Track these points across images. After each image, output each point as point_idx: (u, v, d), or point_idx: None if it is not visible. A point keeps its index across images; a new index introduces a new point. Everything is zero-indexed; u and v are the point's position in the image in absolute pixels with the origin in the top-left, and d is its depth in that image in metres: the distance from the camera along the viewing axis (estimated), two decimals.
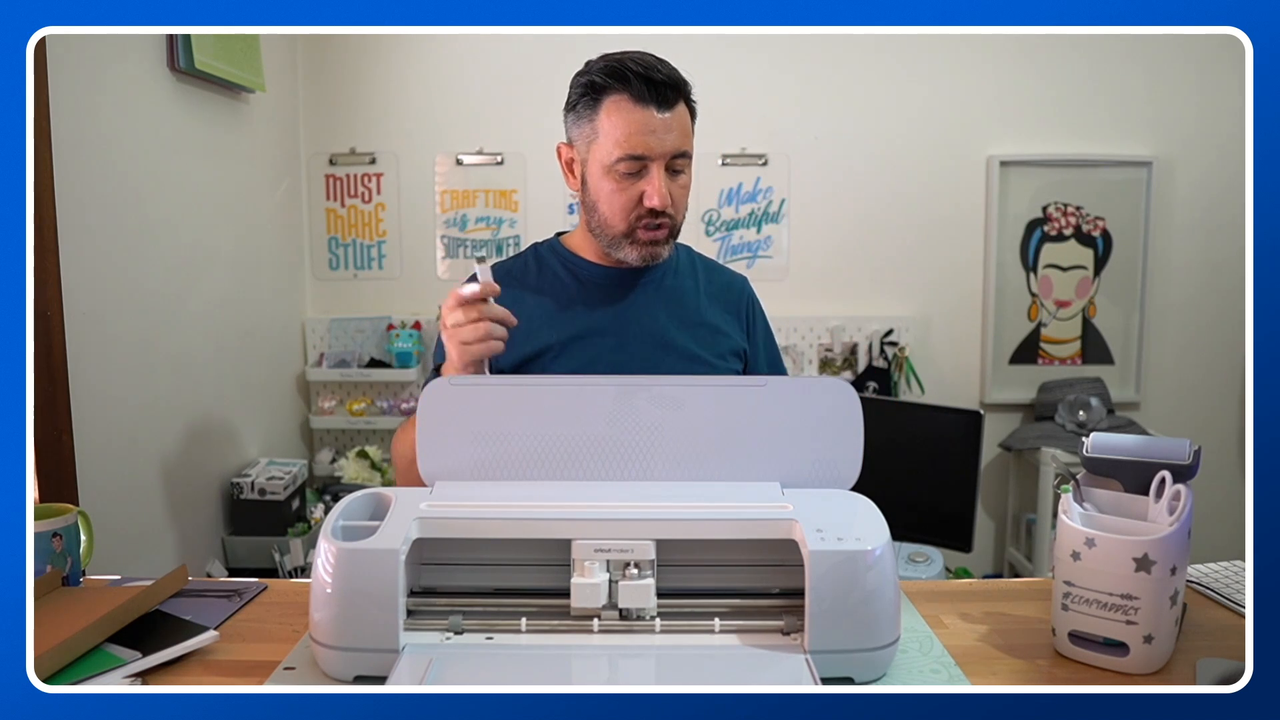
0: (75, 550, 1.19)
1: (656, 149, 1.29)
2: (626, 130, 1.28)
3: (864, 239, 3.24)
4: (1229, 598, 1.14)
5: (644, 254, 1.35)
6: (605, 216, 1.35)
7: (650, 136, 1.28)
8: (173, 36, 2.29)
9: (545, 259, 1.45)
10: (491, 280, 1.23)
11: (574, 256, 1.44)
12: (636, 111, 1.28)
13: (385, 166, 3.23)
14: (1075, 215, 3.25)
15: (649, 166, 1.30)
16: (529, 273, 1.44)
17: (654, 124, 1.28)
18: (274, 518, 2.65)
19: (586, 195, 1.37)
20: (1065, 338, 3.31)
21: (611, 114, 1.29)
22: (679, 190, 1.33)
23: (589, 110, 1.32)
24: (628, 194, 1.31)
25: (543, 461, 1.08)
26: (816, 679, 0.87)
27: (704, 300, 1.46)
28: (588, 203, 1.37)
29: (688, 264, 1.48)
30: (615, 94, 1.29)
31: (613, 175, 1.31)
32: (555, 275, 1.43)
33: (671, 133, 1.30)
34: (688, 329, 1.42)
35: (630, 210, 1.32)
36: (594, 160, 1.33)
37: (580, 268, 1.43)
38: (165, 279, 2.32)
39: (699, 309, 1.44)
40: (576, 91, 1.33)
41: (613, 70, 1.29)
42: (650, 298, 1.42)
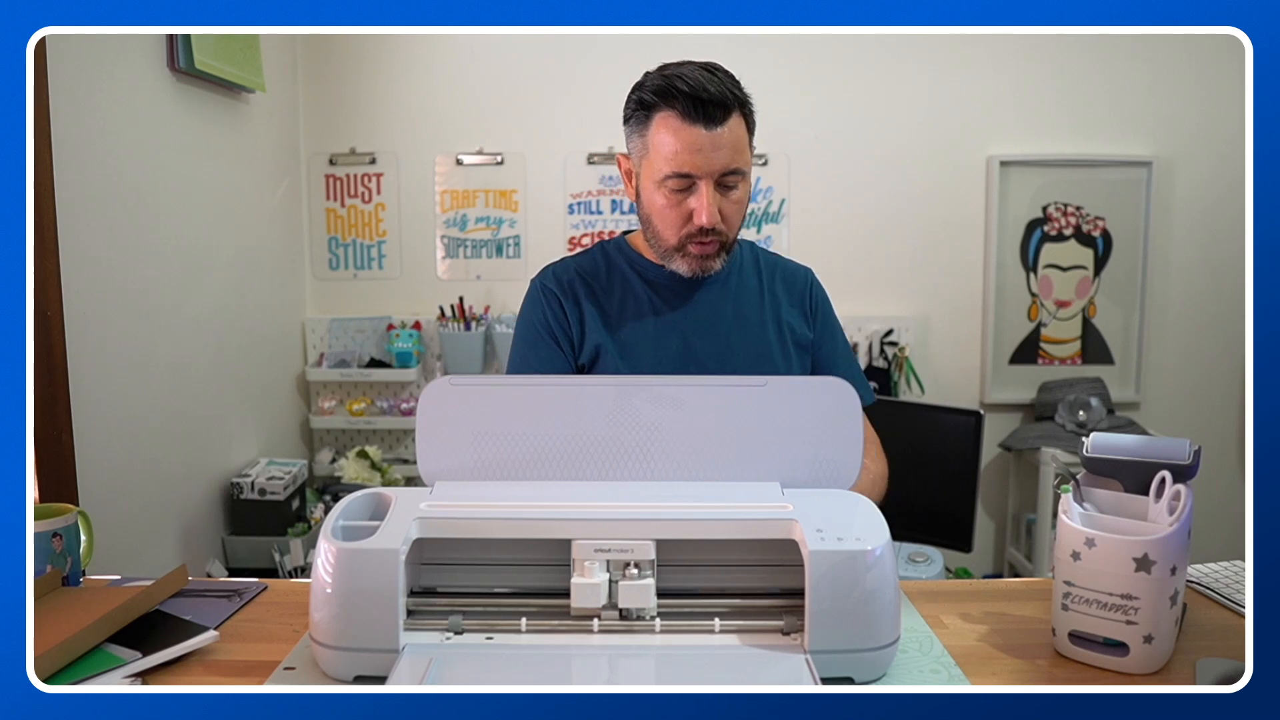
0: (75, 550, 1.19)
1: (704, 167, 1.28)
2: (674, 148, 1.28)
3: (864, 239, 3.24)
4: (1229, 598, 1.14)
5: (694, 267, 1.36)
6: (658, 229, 1.36)
7: (697, 155, 1.28)
8: (173, 36, 2.29)
9: (613, 258, 1.46)
10: None
11: (640, 257, 1.44)
12: (684, 130, 1.28)
13: (385, 166, 3.23)
14: (1075, 215, 3.25)
15: (698, 184, 1.30)
16: (599, 271, 1.45)
17: (701, 142, 1.28)
18: (274, 518, 2.65)
19: (641, 207, 1.38)
20: (1065, 338, 3.31)
21: (660, 131, 1.30)
22: (731, 206, 1.33)
23: (640, 125, 1.33)
24: (678, 211, 1.32)
25: (543, 461, 1.08)
26: (816, 679, 0.87)
27: (768, 297, 1.46)
28: (643, 214, 1.39)
29: (751, 261, 1.49)
30: (664, 111, 1.29)
31: (663, 191, 1.32)
32: (623, 275, 1.44)
33: (720, 150, 1.28)
34: (754, 327, 1.43)
35: (681, 226, 1.33)
36: (646, 175, 1.34)
37: (646, 269, 1.43)
38: (165, 279, 2.32)
39: (763, 306, 1.45)
40: (630, 106, 1.35)
41: (661, 88, 1.29)
42: (716, 297, 1.43)
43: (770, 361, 1.42)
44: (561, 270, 1.45)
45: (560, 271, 1.45)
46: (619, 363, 1.38)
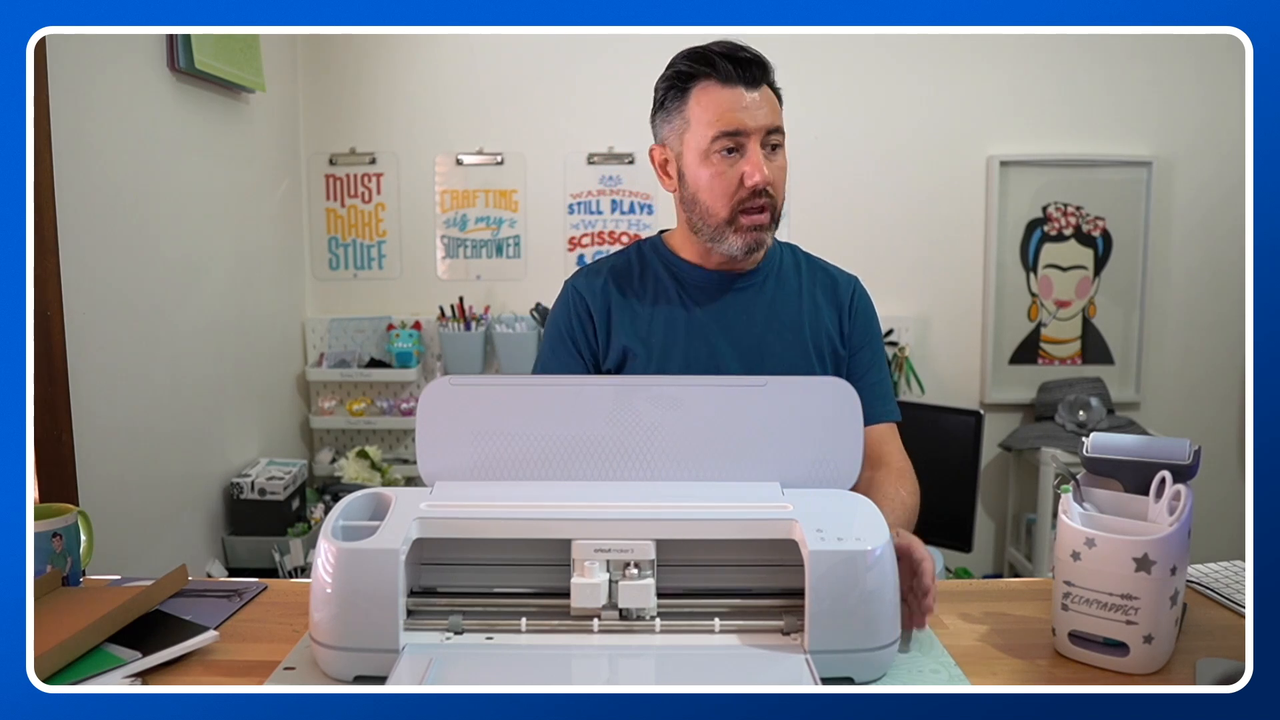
0: (75, 550, 1.19)
1: (751, 124, 1.28)
2: (719, 110, 1.28)
3: (864, 239, 3.24)
4: (1229, 598, 1.14)
5: (748, 241, 1.33)
6: (707, 205, 1.33)
7: (743, 112, 1.28)
8: (173, 36, 2.28)
9: (648, 258, 1.44)
10: None
11: (675, 257, 1.42)
12: (725, 92, 1.29)
13: (385, 166, 3.23)
14: (1075, 215, 3.25)
15: (746, 144, 1.29)
16: (632, 270, 1.43)
17: (745, 100, 1.28)
18: (274, 518, 2.65)
19: (685, 190, 1.35)
20: (1065, 338, 3.31)
21: (701, 99, 1.30)
22: (777, 170, 1.32)
23: (677, 102, 1.33)
24: (727, 177, 1.30)
25: (543, 461, 1.08)
26: (816, 679, 0.87)
27: (806, 301, 1.42)
28: (687, 197, 1.35)
29: (792, 264, 1.46)
30: (702, 80, 1.30)
31: (711, 159, 1.30)
32: (657, 275, 1.42)
33: (763, 108, 1.29)
34: (787, 333, 1.39)
35: (732, 193, 1.30)
36: (689, 150, 1.32)
37: (681, 269, 1.41)
38: (165, 279, 2.32)
39: (800, 310, 1.41)
40: (662, 89, 1.35)
41: (697, 56, 1.30)
42: (750, 301, 1.40)
43: (802, 370, 1.39)
44: (594, 272, 1.44)
45: (592, 274, 1.43)
46: (646, 366, 1.36)
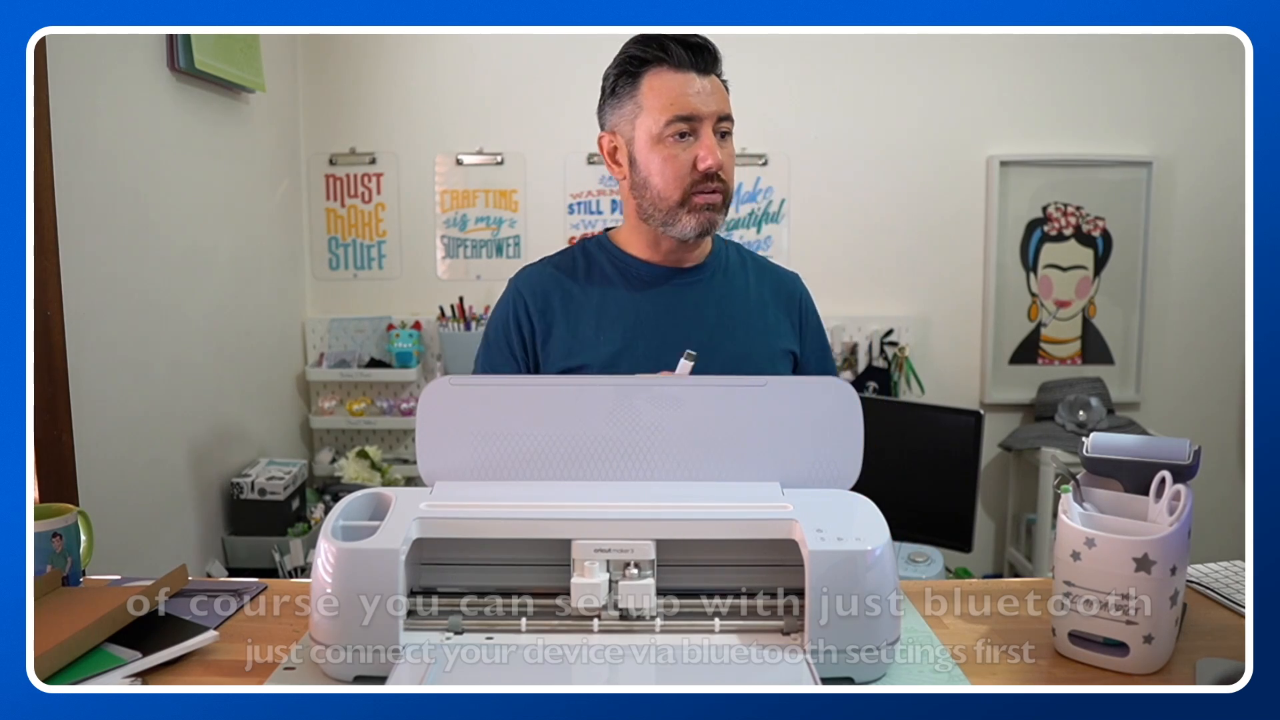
0: (75, 550, 1.19)
1: (704, 109, 1.29)
2: (672, 94, 1.29)
3: (864, 239, 3.24)
4: (1229, 598, 1.14)
5: (701, 221, 1.33)
6: (659, 190, 1.32)
7: (696, 97, 1.29)
8: (173, 36, 2.29)
9: (594, 255, 1.43)
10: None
11: (623, 254, 1.41)
12: (678, 76, 1.29)
13: (385, 166, 3.23)
14: (1075, 215, 3.25)
15: (699, 128, 1.30)
16: (577, 270, 1.42)
17: (697, 85, 1.29)
18: (274, 518, 2.65)
19: (636, 175, 1.35)
20: (1065, 338, 3.31)
21: (654, 84, 1.30)
22: (727, 156, 1.33)
23: (629, 88, 1.32)
24: (680, 160, 1.30)
25: (543, 461, 1.08)
26: (816, 679, 0.87)
27: (754, 299, 1.44)
28: (638, 182, 1.35)
29: (738, 262, 1.46)
30: (655, 65, 1.30)
31: (663, 144, 1.30)
32: (604, 273, 1.41)
33: (715, 94, 1.31)
34: (738, 329, 1.40)
35: (685, 177, 1.31)
36: (641, 135, 1.32)
37: (629, 265, 1.41)
38: (165, 279, 2.32)
39: (749, 308, 1.43)
40: (613, 75, 1.35)
41: (649, 41, 1.30)
42: (700, 296, 1.40)
43: (753, 366, 1.39)
44: (537, 274, 1.42)
45: (536, 275, 1.42)
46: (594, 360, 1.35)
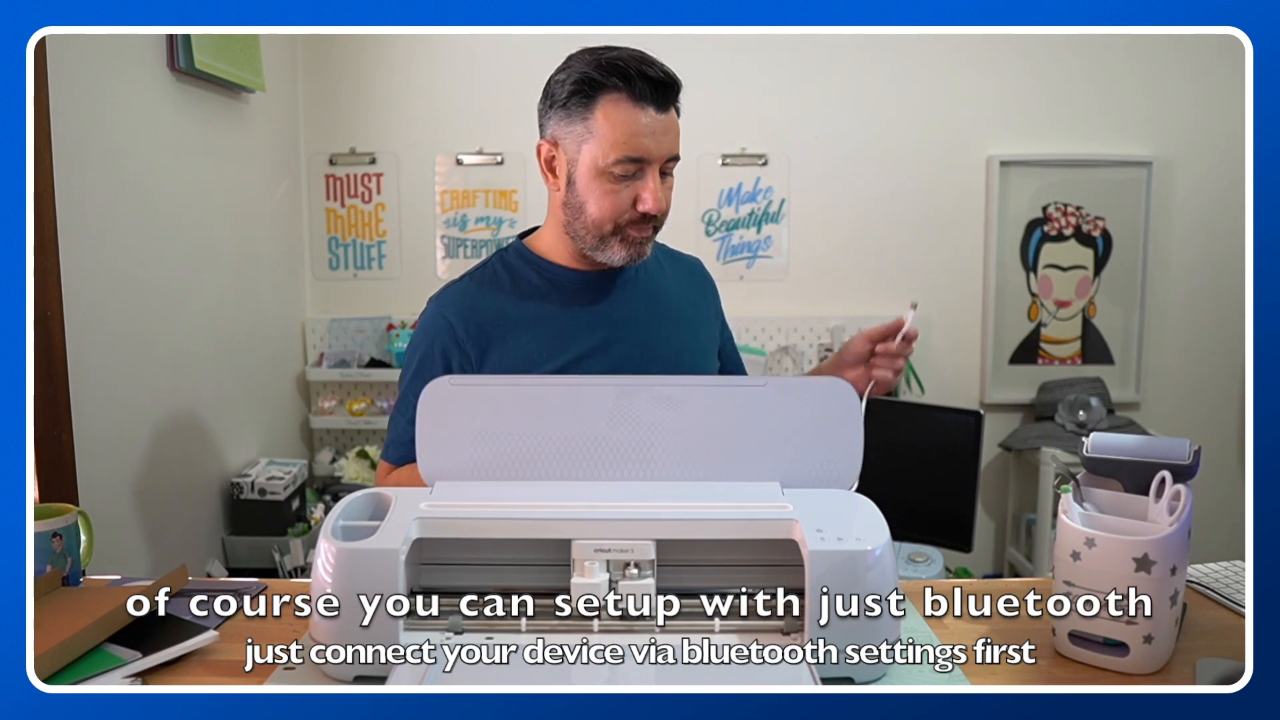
0: (75, 550, 1.19)
1: (655, 151, 1.25)
2: (627, 131, 1.23)
3: (864, 239, 3.24)
4: (1229, 598, 1.14)
5: (631, 253, 1.30)
6: (593, 218, 1.28)
7: (650, 139, 1.24)
8: (173, 37, 2.28)
9: (514, 266, 1.38)
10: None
11: (547, 263, 1.36)
12: (635, 112, 1.23)
13: (385, 166, 3.23)
14: (1075, 215, 3.25)
15: (645, 169, 1.25)
16: (502, 284, 1.36)
17: (654, 125, 1.24)
18: (274, 518, 2.65)
19: (573, 196, 1.29)
20: (1065, 338, 3.31)
21: (609, 114, 1.24)
22: (667, 193, 1.30)
23: (581, 108, 1.25)
24: (620, 197, 1.26)
25: (543, 461, 1.08)
26: (816, 679, 0.87)
27: (677, 291, 1.43)
28: (573, 204, 1.29)
29: (651, 256, 1.39)
30: (613, 93, 1.23)
31: (607, 177, 1.25)
32: (530, 282, 1.36)
33: (669, 135, 1.26)
34: (670, 325, 1.39)
35: (623, 213, 1.27)
36: (585, 161, 1.26)
37: (555, 273, 1.36)
38: (165, 278, 2.32)
39: (676, 302, 1.42)
40: (566, 88, 1.26)
41: (611, 67, 1.23)
42: (630, 297, 1.38)
43: (690, 359, 1.38)
44: (461, 293, 1.36)
45: (460, 295, 1.36)
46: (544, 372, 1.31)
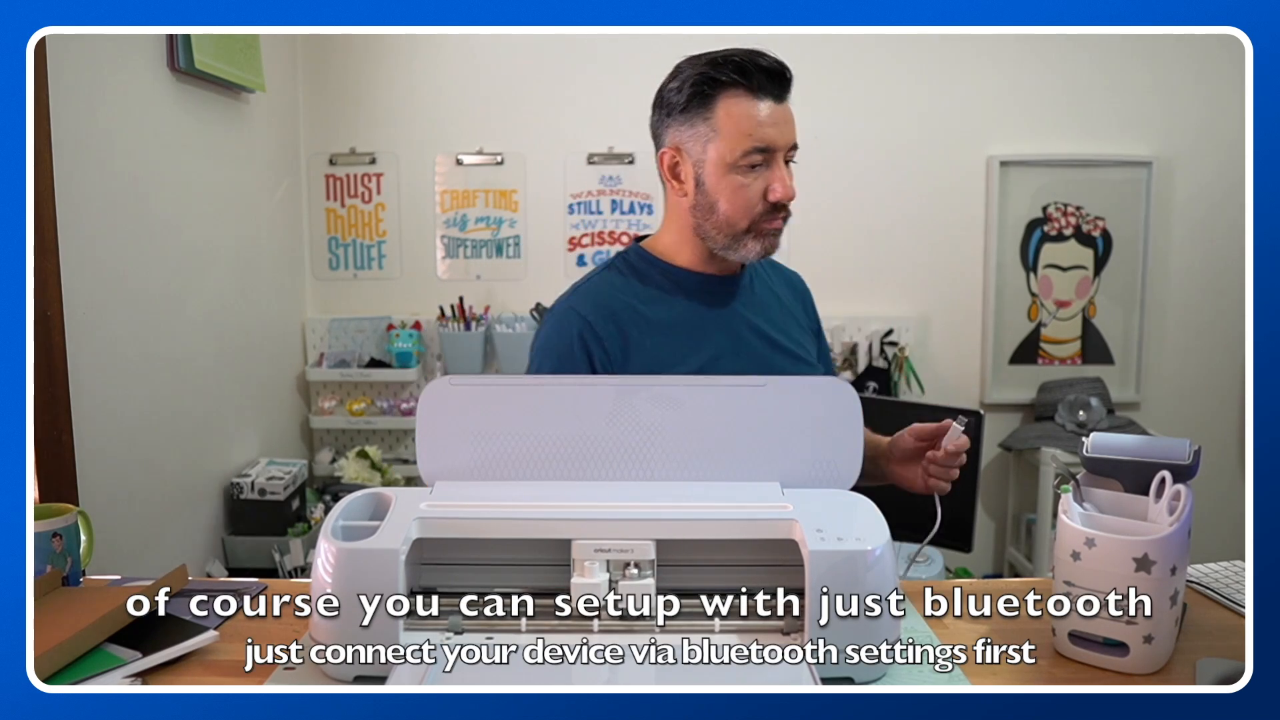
0: (75, 550, 1.19)
1: (779, 140, 1.28)
2: (751, 123, 1.27)
3: (864, 239, 3.24)
4: (1229, 598, 1.14)
5: (766, 246, 1.33)
6: (726, 215, 1.31)
7: (773, 128, 1.27)
8: (173, 36, 2.28)
9: (639, 268, 1.39)
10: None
11: (669, 265, 1.38)
12: (755, 104, 1.27)
13: (385, 166, 3.23)
14: (1075, 215, 3.25)
15: (771, 159, 1.29)
16: (629, 282, 1.38)
17: (775, 115, 1.28)
18: (274, 518, 2.65)
19: (702, 197, 1.31)
20: (1065, 338, 3.31)
21: (730, 110, 1.27)
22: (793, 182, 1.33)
23: (702, 109, 1.29)
24: (751, 190, 1.29)
25: (543, 461, 1.08)
26: (816, 679, 0.87)
27: (784, 300, 1.47)
28: (703, 204, 1.32)
29: (758, 266, 1.47)
30: (732, 89, 1.27)
31: (736, 171, 1.28)
32: (657, 284, 1.38)
33: (789, 124, 1.30)
34: (784, 330, 1.43)
35: (755, 206, 1.30)
36: (712, 160, 1.29)
37: (680, 276, 1.38)
38: (165, 279, 2.32)
39: (785, 311, 1.46)
40: (684, 93, 1.30)
41: (726, 64, 1.27)
42: (751, 301, 1.42)
43: (804, 362, 1.42)
44: (596, 293, 1.36)
45: (595, 295, 1.36)
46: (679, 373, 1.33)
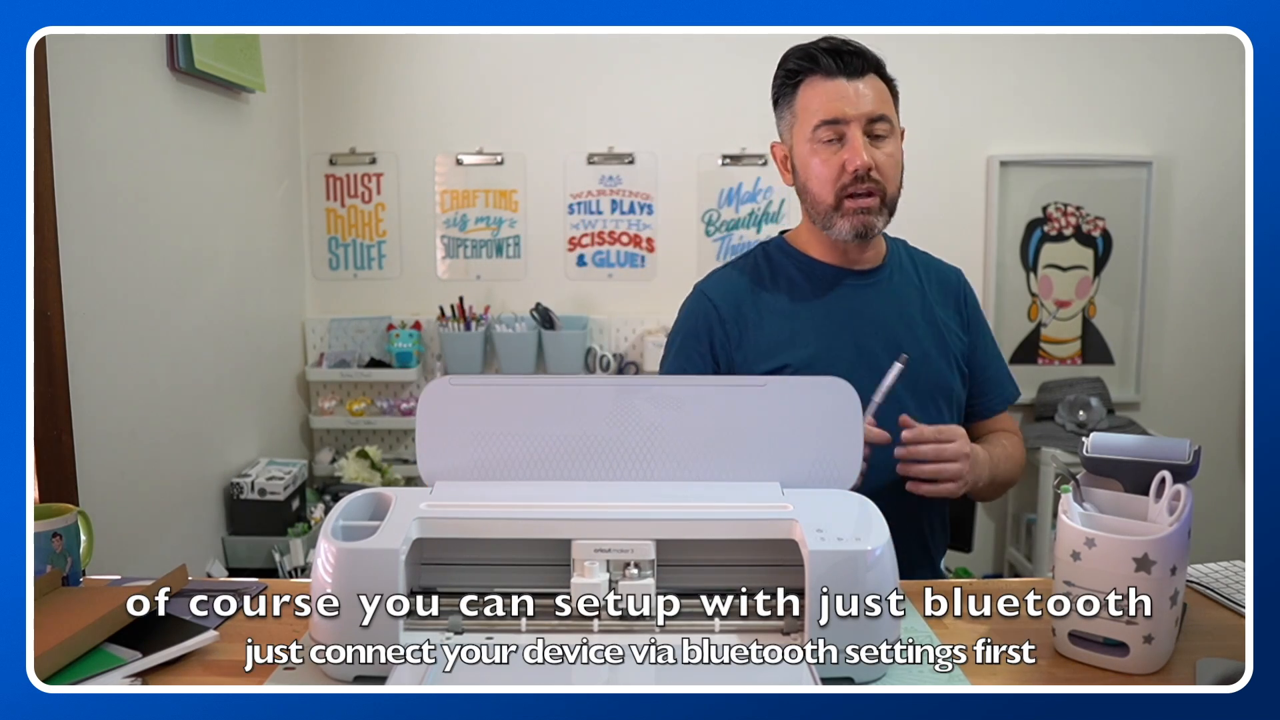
0: (75, 550, 1.19)
1: (850, 112, 1.34)
2: (821, 100, 1.35)
3: None
4: (1229, 598, 1.14)
5: (855, 224, 1.36)
6: (814, 192, 1.38)
7: (842, 101, 1.34)
8: (173, 36, 2.28)
9: (774, 257, 1.48)
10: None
11: (803, 255, 1.46)
12: (828, 83, 1.35)
13: (385, 166, 3.23)
14: (1075, 215, 3.25)
15: (846, 132, 1.34)
16: (762, 274, 1.46)
17: (847, 90, 1.34)
18: (274, 518, 2.65)
19: (798, 180, 1.41)
20: (1065, 338, 3.31)
21: (806, 94, 1.37)
22: (884, 158, 1.36)
23: (788, 97, 1.40)
24: (830, 164, 1.35)
25: (543, 461, 1.08)
26: (816, 679, 0.87)
27: (926, 298, 1.48)
28: (800, 187, 1.41)
29: (908, 260, 1.51)
30: (808, 76, 1.37)
31: (815, 146, 1.36)
32: (789, 275, 1.45)
33: (864, 96, 1.35)
34: (918, 329, 1.44)
35: (835, 179, 1.35)
36: (798, 141, 1.39)
37: (810, 266, 1.45)
38: (165, 279, 2.32)
39: (925, 308, 1.47)
40: (775, 87, 1.42)
41: (800, 55, 1.37)
42: (880, 296, 1.44)
43: (933, 368, 1.42)
44: (725, 279, 1.47)
45: (724, 281, 1.47)
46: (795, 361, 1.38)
